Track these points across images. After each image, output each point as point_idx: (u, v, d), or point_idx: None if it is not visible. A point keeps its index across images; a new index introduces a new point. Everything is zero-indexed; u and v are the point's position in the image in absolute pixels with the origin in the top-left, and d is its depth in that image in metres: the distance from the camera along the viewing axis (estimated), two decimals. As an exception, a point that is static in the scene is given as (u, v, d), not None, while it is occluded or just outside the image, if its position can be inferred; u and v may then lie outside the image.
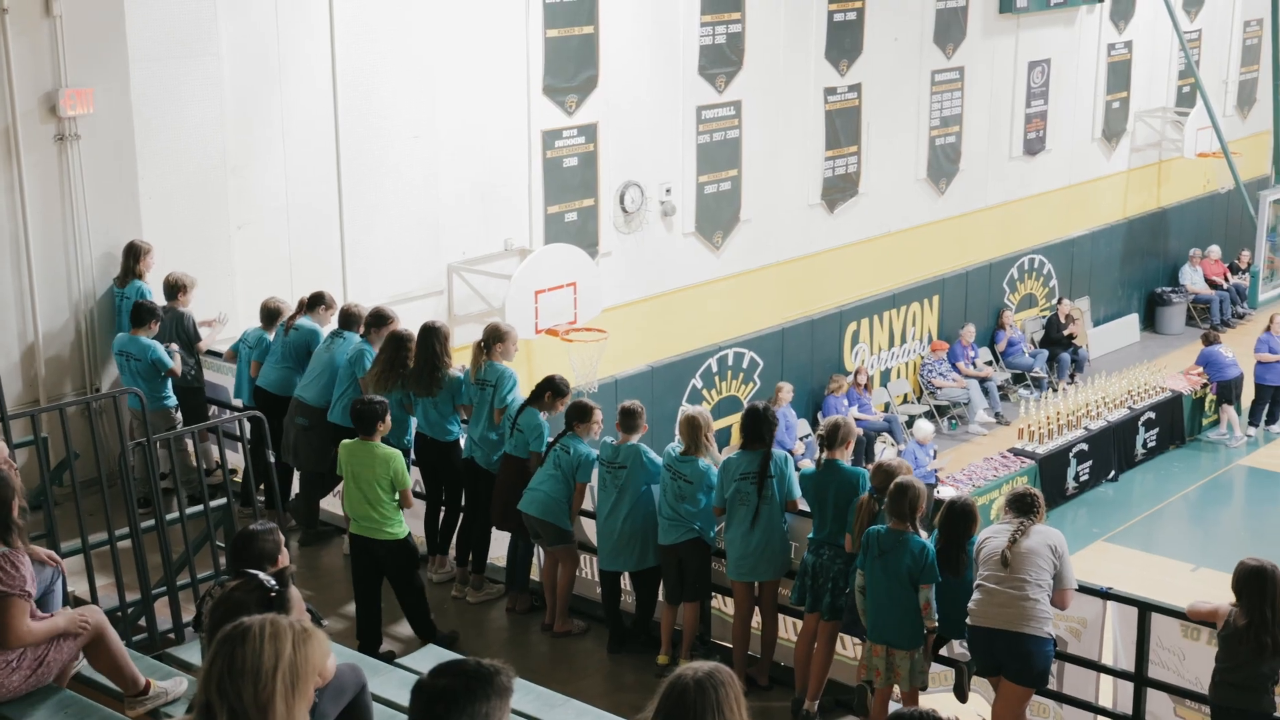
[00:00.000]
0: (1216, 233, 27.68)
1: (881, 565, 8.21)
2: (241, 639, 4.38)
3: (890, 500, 8.24)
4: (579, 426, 9.83)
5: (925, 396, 21.69)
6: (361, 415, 9.28)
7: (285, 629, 4.43)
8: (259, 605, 5.36)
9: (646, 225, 17.87)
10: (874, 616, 8.29)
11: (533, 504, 9.80)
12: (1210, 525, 19.39)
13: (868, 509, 8.46)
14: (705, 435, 9.32)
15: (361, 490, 9.26)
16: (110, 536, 9.06)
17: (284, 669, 4.37)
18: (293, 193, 14.23)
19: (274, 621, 4.45)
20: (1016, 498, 8.26)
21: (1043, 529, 8.11)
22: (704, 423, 9.34)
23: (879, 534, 8.24)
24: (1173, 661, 8.21)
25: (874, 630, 8.31)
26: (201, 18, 12.77)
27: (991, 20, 22.27)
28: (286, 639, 4.41)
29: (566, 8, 16.38)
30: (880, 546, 8.22)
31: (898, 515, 8.19)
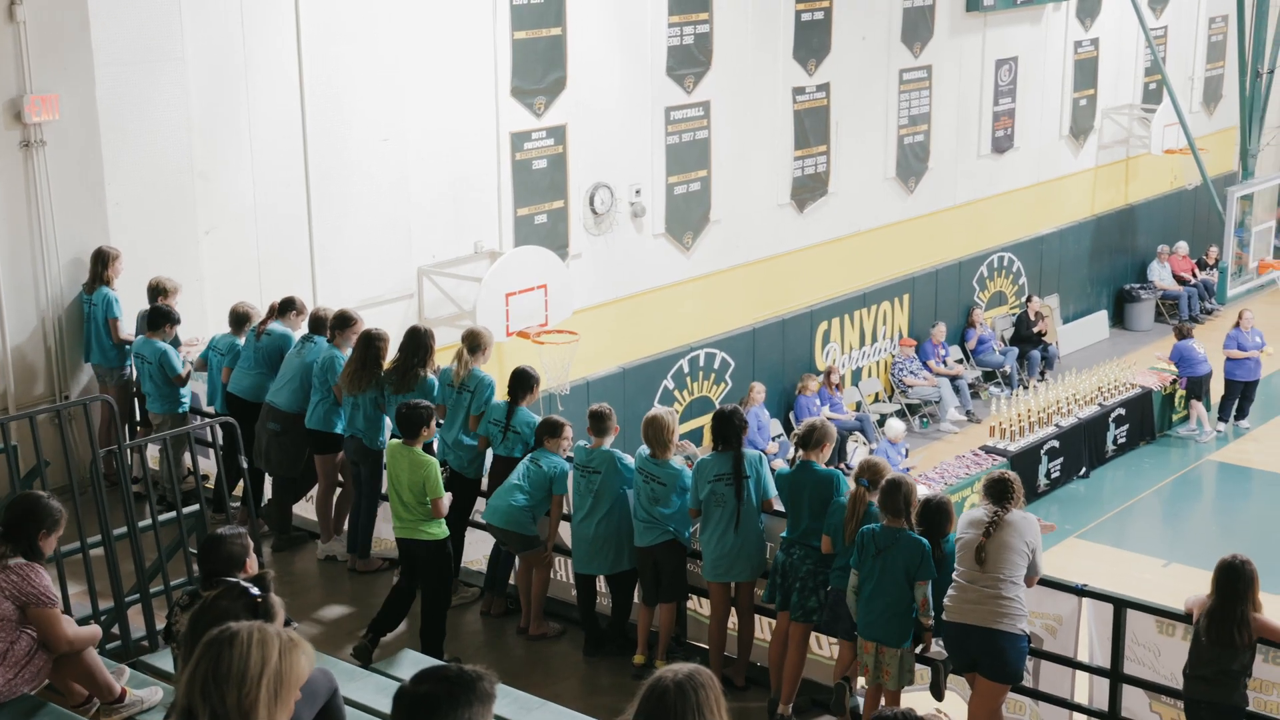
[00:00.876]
0: (1184, 229, 27.85)
1: (879, 563, 8.21)
2: (229, 643, 4.39)
3: (884, 497, 8.27)
4: (550, 442, 9.84)
5: (896, 395, 21.75)
6: (405, 419, 9.30)
7: (273, 637, 4.45)
8: (246, 612, 5.35)
9: (616, 227, 17.86)
10: (865, 614, 8.30)
11: (496, 514, 9.80)
12: (1181, 521, 19.50)
13: (861, 502, 8.47)
14: (670, 436, 9.29)
15: (398, 492, 9.34)
16: (83, 544, 9.00)
17: (269, 676, 4.38)
18: (261, 197, 14.16)
19: (262, 629, 4.47)
20: (992, 483, 8.22)
21: (1017, 519, 8.08)
22: (666, 423, 9.31)
23: (874, 532, 8.25)
24: (1148, 658, 8.24)
25: (865, 627, 8.31)
26: (167, 22, 12.70)
27: (959, 18, 22.35)
28: (274, 646, 4.42)
29: (534, 10, 16.35)
30: (877, 544, 8.23)
31: (892, 512, 8.22)
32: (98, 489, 9.19)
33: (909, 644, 8.29)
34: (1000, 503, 8.12)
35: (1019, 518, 8.10)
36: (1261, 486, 20.07)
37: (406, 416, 9.30)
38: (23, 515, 7.20)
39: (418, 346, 10.47)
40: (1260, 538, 17.68)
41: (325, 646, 9.30)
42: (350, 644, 9.67)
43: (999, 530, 8.03)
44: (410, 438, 9.29)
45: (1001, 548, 7.97)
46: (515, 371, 10.16)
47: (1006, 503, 8.12)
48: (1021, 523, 8.07)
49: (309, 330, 11.32)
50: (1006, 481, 8.22)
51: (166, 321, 11.59)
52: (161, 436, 9.80)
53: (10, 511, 7.26)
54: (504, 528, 9.78)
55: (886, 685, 8.31)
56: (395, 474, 9.36)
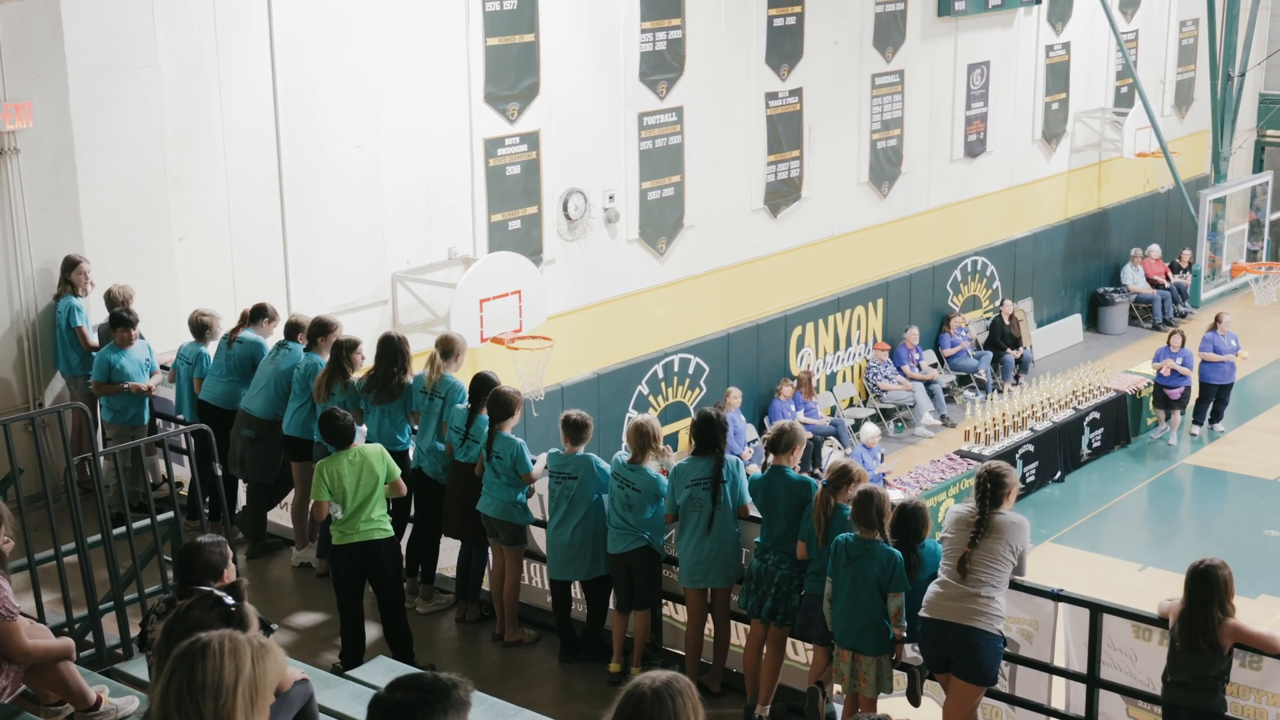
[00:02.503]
0: (1157, 232, 27.98)
1: (850, 573, 8.21)
2: (201, 654, 4.39)
3: (856, 509, 8.24)
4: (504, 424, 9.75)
5: (871, 400, 21.80)
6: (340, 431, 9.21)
7: (244, 644, 4.46)
8: (220, 621, 5.34)
9: (590, 232, 17.87)
10: (841, 623, 8.30)
11: (490, 505, 9.78)
12: (1156, 524, 19.58)
13: (823, 504, 8.48)
14: (655, 444, 9.32)
15: (361, 496, 9.13)
16: (56, 552, 8.96)
17: (244, 684, 4.39)
18: (235, 204, 14.12)
19: (232, 637, 4.47)
20: (980, 481, 8.14)
21: (1007, 524, 8.01)
22: (653, 431, 9.33)
23: (847, 542, 8.25)
24: (1124, 662, 8.25)
25: (841, 636, 8.31)
26: (140, 30, 12.68)
27: (930, 23, 22.43)
28: (246, 654, 4.44)
29: (507, 16, 16.35)
30: (849, 554, 8.22)
31: (865, 523, 8.19)
32: (72, 497, 9.15)
33: (886, 652, 8.29)
34: (986, 504, 8.05)
35: (1010, 522, 8.03)
36: (1237, 490, 20.14)
37: (340, 428, 9.21)
38: None
39: (396, 354, 10.42)
40: (1236, 541, 17.82)
41: (300, 654, 9.28)
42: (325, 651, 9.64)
43: (985, 536, 7.99)
44: (344, 444, 9.20)
45: (986, 553, 7.96)
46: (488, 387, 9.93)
47: (994, 504, 8.05)
48: (1011, 527, 8.02)
49: (284, 336, 11.29)
50: (997, 479, 8.08)
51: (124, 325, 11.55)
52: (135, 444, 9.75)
53: None
54: (498, 518, 9.77)
55: (864, 693, 8.31)
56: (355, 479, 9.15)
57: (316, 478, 9.22)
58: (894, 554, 8.17)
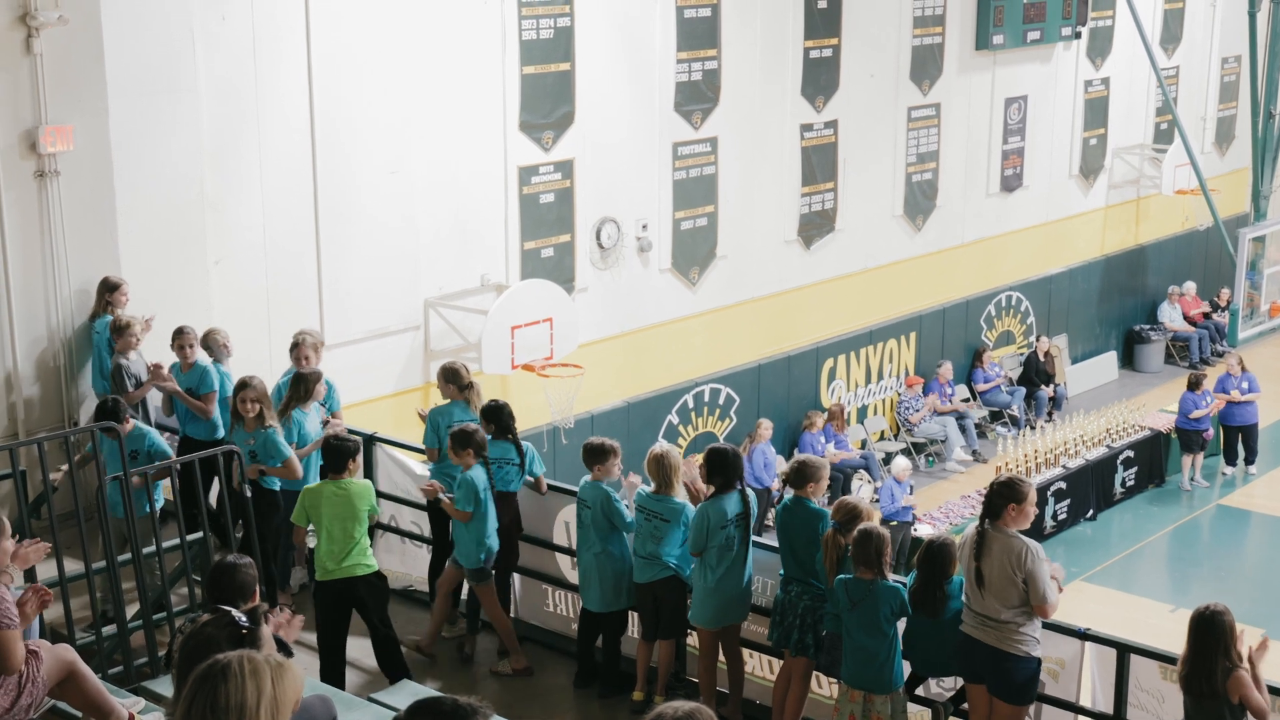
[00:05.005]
0: (1195, 270, 27.79)
1: (855, 615, 8.19)
2: (223, 676, 4.43)
3: (855, 549, 8.19)
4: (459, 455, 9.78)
5: (902, 434, 21.72)
6: (336, 452, 9.24)
7: (263, 665, 4.50)
8: (230, 642, 5.36)
9: (623, 261, 17.90)
10: (850, 664, 8.27)
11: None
12: (1189, 565, 19.37)
13: (833, 545, 8.44)
14: (675, 474, 9.27)
15: (342, 530, 9.12)
16: (87, 570, 9.03)
17: (266, 704, 4.44)
18: (270, 228, 14.23)
19: (251, 658, 4.52)
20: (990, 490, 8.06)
21: (1011, 546, 7.85)
22: (673, 462, 9.29)
23: (847, 583, 8.21)
24: (1151, 704, 8.17)
25: (851, 677, 8.28)
26: (180, 54, 12.80)
27: (968, 57, 22.42)
28: (265, 675, 4.48)
29: (543, 45, 16.44)
30: (850, 596, 8.19)
31: (865, 563, 8.16)
32: (103, 515, 9.22)
33: (900, 686, 8.24)
34: (991, 516, 7.97)
35: (1015, 545, 7.86)
36: (1270, 533, 19.95)
37: (337, 449, 9.23)
38: None
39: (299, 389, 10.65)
40: (1269, 584, 17.65)
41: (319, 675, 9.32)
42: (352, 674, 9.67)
43: (987, 553, 7.91)
44: (338, 471, 9.21)
45: (993, 574, 7.88)
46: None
47: (990, 515, 7.96)
48: (1018, 549, 7.84)
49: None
50: (998, 491, 7.99)
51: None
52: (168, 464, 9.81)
53: None
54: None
55: None
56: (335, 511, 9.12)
57: (299, 502, 9.32)
58: (896, 589, 8.15)
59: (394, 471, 11.35)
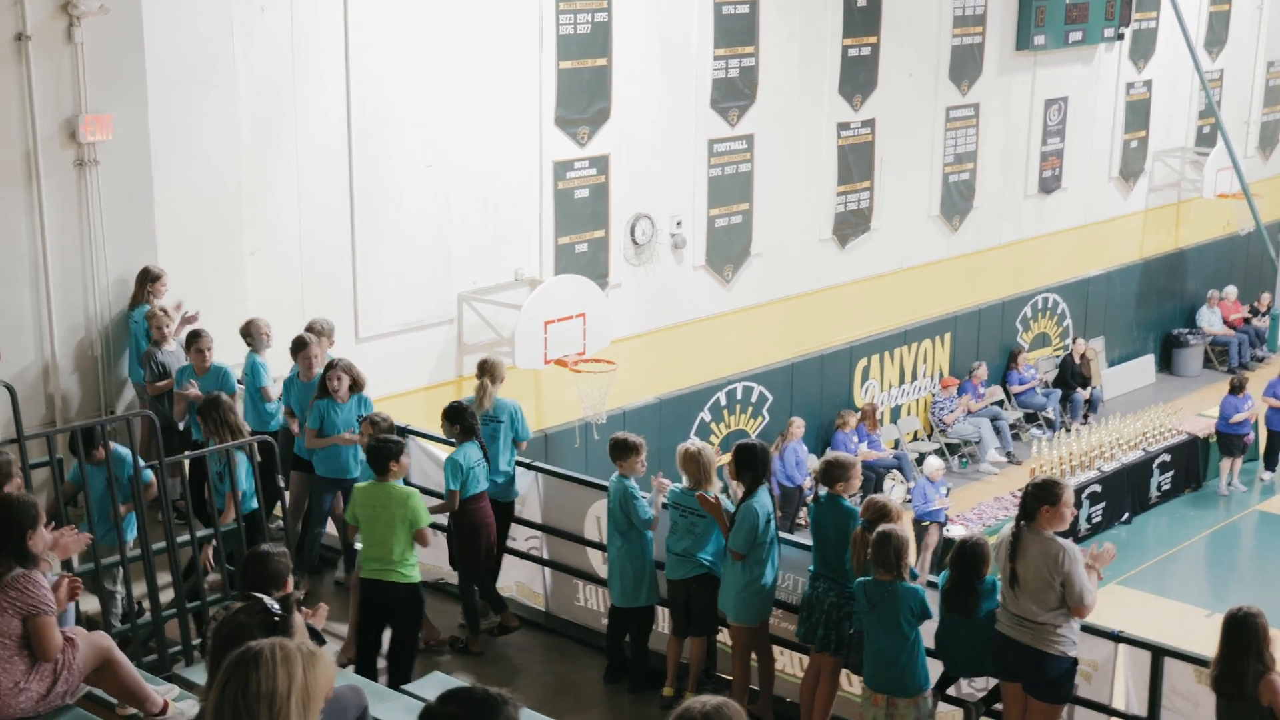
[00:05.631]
0: (1236, 275, 27.53)
1: (874, 617, 8.14)
2: (254, 663, 4.45)
3: (874, 550, 8.13)
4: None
5: (936, 434, 21.63)
6: (376, 453, 9.22)
7: (294, 652, 4.51)
8: (261, 629, 5.37)
9: (657, 257, 17.89)
10: (872, 666, 8.22)
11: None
12: (1226, 570, 19.22)
13: (861, 544, 8.40)
14: (712, 469, 9.24)
15: (378, 534, 9.12)
16: (123, 558, 9.08)
17: (297, 692, 4.45)
18: (306, 220, 14.28)
19: (283, 645, 4.53)
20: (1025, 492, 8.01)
21: (1047, 548, 7.79)
22: (709, 458, 9.25)
23: (866, 585, 8.17)
24: (1186, 707, 8.10)
25: (873, 680, 8.23)
26: (219, 47, 12.85)
27: (1008, 57, 22.29)
28: (297, 662, 4.49)
29: (580, 40, 16.44)
30: (869, 598, 8.15)
31: (884, 566, 8.10)
32: (138, 504, 9.26)
33: (925, 690, 8.18)
34: (1026, 517, 7.92)
35: (1051, 548, 7.80)
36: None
37: (376, 450, 9.20)
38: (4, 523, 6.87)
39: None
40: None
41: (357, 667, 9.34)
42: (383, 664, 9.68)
43: (1023, 555, 7.86)
44: (381, 473, 9.17)
45: (1028, 575, 7.82)
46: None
47: (1026, 517, 7.91)
48: (1054, 551, 7.78)
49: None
50: (1032, 493, 7.94)
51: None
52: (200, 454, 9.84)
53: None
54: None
55: None
56: (374, 513, 9.14)
57: (350, 499, 9.38)
58: (916, 590, 8.09)
59: (426, 464, 11.36)
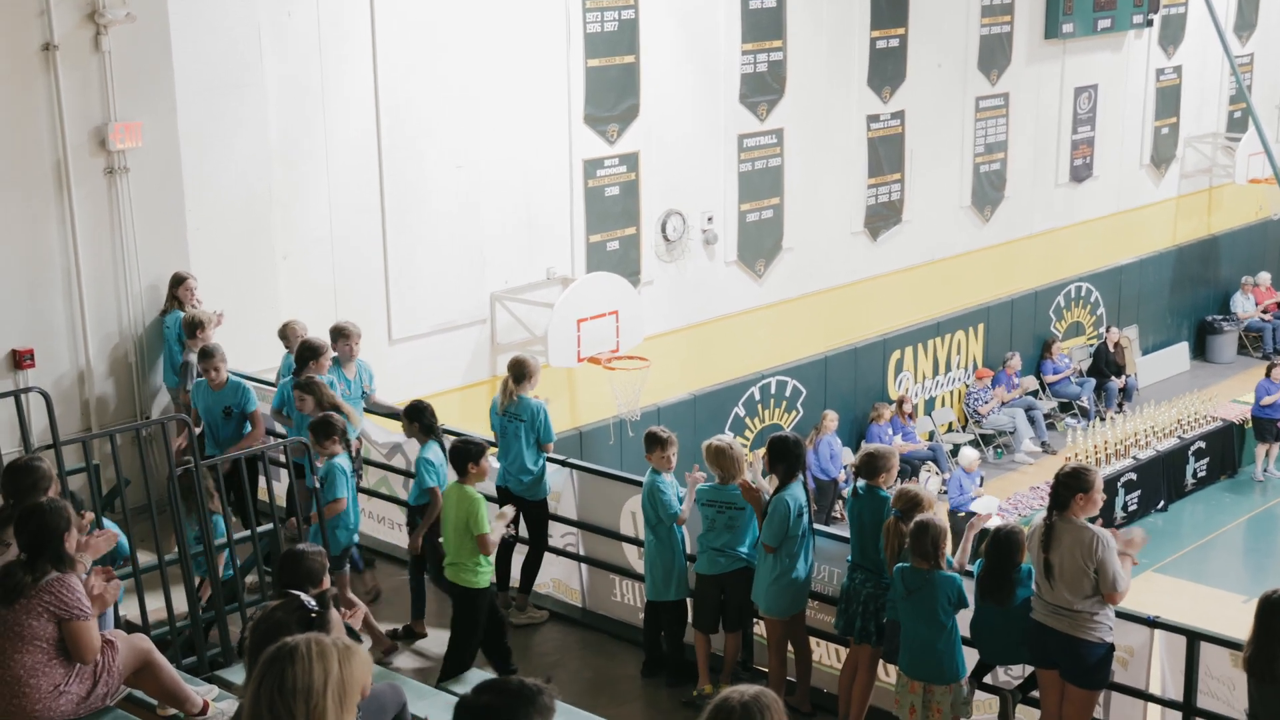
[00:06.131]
0: (1270, 260, 27.35)
1: (910, 604, 8.14)
2: (290, 658, 4.46)
3: (913, 539, 8.14)
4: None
5: (970, 425, 21.57)
6: (455, 453, 9.22)
7: (330, 647, 4.52)
8: (299, 626, 5.40)
9: (688, 254, 17.90)
10: (908, 653, 8.23)
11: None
12: (1263, 557, 19.15)
13: (895, 533, 8.40)
14: (741, 465, 9.22)
15: (451, 533, 9.16)
16: (160, 561, 9.13)
17: (333, 686, 4.47)
18: (337, 223, 14.35)
19: (319, 640, 4.54)
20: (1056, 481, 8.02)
21: (1080, 536, 7.79)
22: (738, 453, 9.22)
23: (904, 572, 8.18)
24: (1223, 692, 8.07)
25: (910, 667, 8.24)
26: (247, 51, 12.94)
27: (1037, 46, 22.20)
28: (333, 657, 4.51)
29: (608, 38, 16.46)
30: (906, 585, 8.15)
31: (921, 555, 8.10)
32: (175, 508, 9.32)
33: (961, 678, 8.18)
34: (1058, 507, 7.93)
35: (1084, 536, 7.81)
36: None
37: (454, 451, 9.23)
38: (40, 529, 6.82)
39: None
40: (1343, 575, 17.40)
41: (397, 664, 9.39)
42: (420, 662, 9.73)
43: (1057, 545, 7.86)
44: (460, 475, 9.20)
45: (1063, 564, 7.82)
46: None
47: (1059, 507, 7.92)
48: (1087, 539, 7.79)
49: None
50: (1065, 480, 7.94)
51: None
52: (234, 456, 9.91)
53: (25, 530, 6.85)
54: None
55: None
56: (448, 513, 9.20)
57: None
58: (953, 579, 8.08)
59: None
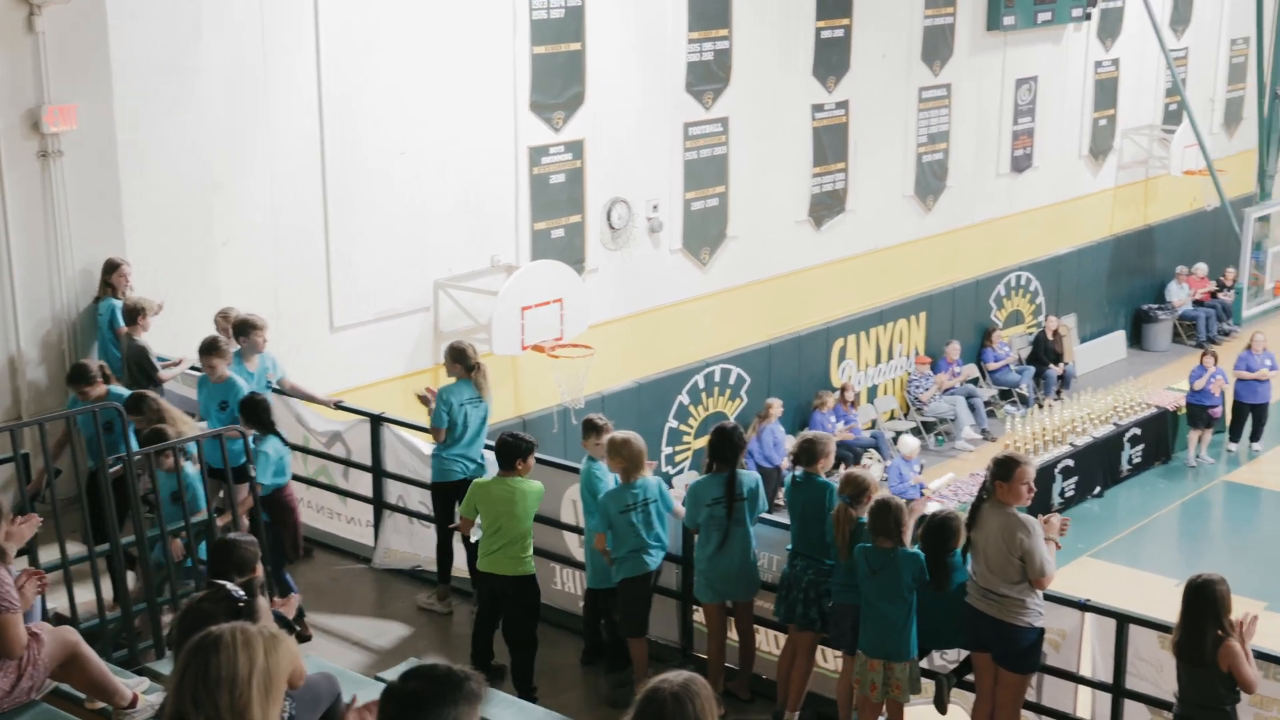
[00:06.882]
0: (1203, 250, 27.75)
1: (875, 583, 8.23)
2: (215, 647, 4.43)
3: (874, 519, 8.24)
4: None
5: (912, 413, 21.72)
6: (506, 449, 9.08)
7: (255, 636, 4.50)
8: (226, 615, 5.38)
9: (633, 242, 17.90)
10: (871, 632, 8.31)
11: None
12: (1195, 541, 19.45)
13: (846, 519, 8.47)
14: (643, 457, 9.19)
15: (500, 527, 9.02)
16: (90, 552, 9.01)
17: (258, 676, 4.44)
18: (278, 209, 14.24)
19: (244, 630, 4.51)
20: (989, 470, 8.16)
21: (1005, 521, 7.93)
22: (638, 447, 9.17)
23: (867, 551, 8.26)
24: (1150, 673, 8.23)
25: (871, 646, 8.32)
26: (186, 34, 12.78)
27: (979, 37, 22.36)
28: (258, 646, 4.48)
29: (553, 25, 16.43)
30: (871, 565, 8.24)
31: (884, 533, 8.20)
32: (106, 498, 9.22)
33: (915, 655, 8.29)
34: (983, 493, 8.10)
35: (1010, 521, 7.94)
36: (1274, 508, 20.08)
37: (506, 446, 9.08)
38: None
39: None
40: (1273, 559, 17.71)
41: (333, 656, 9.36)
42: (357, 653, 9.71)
43: (983, 526, 8.02)
44: (508, 468, 9.06)
45: (987, 547, 7.98)
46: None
47: (988, 492, 8.07)
48: (1011, 525, 7.92)
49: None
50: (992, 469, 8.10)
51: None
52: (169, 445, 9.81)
53: None
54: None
55: (898, 698, 8.30)
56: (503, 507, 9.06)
57: (468, 494, 9.27)
58: (916, 556, 8.22)
59: (402, 452, 11.37)
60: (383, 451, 11.37)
